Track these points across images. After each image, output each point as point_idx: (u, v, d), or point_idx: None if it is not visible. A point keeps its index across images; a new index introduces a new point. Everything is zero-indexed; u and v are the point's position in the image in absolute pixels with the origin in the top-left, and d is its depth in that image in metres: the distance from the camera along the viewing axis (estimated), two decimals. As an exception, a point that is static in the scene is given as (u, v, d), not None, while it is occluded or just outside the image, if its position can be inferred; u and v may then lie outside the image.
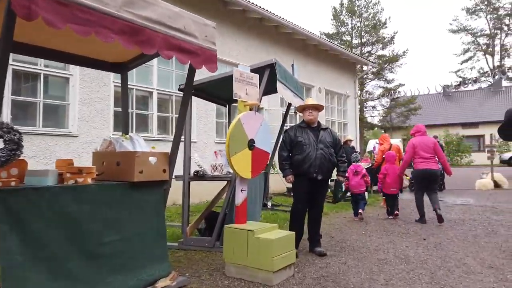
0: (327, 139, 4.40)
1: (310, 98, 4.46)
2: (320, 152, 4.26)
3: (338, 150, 4.51)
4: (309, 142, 4.29)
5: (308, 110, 4.46)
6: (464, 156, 30.13)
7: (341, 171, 4.58)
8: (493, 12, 40.95)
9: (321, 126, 4.51)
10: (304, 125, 4.47)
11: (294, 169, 4.34)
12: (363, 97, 32.60)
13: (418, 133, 6.78)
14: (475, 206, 8.44)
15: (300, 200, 4.42)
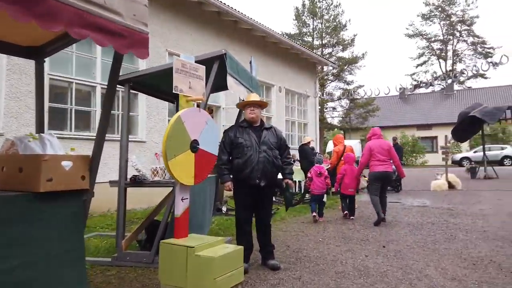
0: (271, 139, 3.95)
1: (253, 93, 3.99)
2: (263, 155, 3.81)
3: (283, 152, 4.10)
4: (250, 144, 3.83)
5: (250, 108, 3.95)
6: (418, 157, 31.16)
7: (287, 174, 4.13)
8: (446, 19, 42.87)
9: (264, 126, 4.05)
10: (245, 124, 3.99)
11: (235, 174, 3.88)
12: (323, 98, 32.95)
13: (374, 136, 6.94)
14: (432, 208, 8.40)
15: (243, 209, 3.96)
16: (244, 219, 3.94)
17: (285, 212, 7.71)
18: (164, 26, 8.77)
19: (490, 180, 14.74)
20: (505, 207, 8.17)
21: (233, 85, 4.02)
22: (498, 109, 14.80)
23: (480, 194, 10.58)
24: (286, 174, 4.12)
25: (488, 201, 9.24)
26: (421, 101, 37.96)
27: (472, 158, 26.61)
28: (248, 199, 3.89)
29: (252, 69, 8.57)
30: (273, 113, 12.63)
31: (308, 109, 14.95)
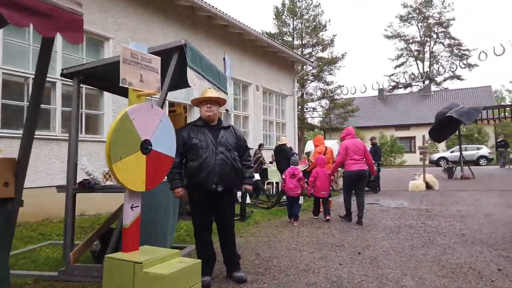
0: (229, 140, 3.60)
1: (210, 88, 3.62)
2: (220, 157, 3.45)
3: (243, 153, 3.75)
4: (206, 145, 3.46)
5: (206, 105, 3.58)
6: (397, 157, 31.42)
7: (246, 178, 3.76)
8: (423, 21, 43.54)
9: (222, 125, 3.67)
10: (201, 123, 3.61)
11: (189, 178, 3.50)
12: (304, 98, 32.86)
13: (349, 136, 7.01)
14: (410, 209, 8.24)
15: (200, 217, 3.58)
16: (202, 228, 3.57)
17: (260, 215, 7.39)
18: (132, 20, 8.31)
19: (467, 180, 14.81)
20: (482, 208, 8.07)
21: (195, 80, 3.65)
22: (474, 109, 14.89)
23: (458, 195, 10.52)
24: (246, 179, 3.76)
25: (465, 202, 9.16)
26: (399, 102, 38.36)
27: (449, 158, 26.95)
28: (206, 206, 3.53)
29: (226, 66, 8.24)
30: (250, 112, 12.30)
31: (286, 108, 14.69)
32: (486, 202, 8.88)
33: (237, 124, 11.95)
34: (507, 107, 15.47)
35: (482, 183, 13.35)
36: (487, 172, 17.78)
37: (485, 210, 7.70)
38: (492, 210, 7.74)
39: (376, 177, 11.89)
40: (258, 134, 12.61)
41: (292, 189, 6.86)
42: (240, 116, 12.03)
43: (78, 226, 5.91)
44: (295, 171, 7.14)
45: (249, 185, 3.80)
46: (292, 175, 7.08)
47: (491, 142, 30.28)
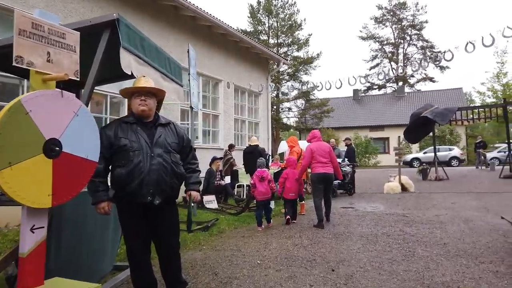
0: (169, 139, 2.91)
1: (144, 77, 2.90)
2: (157, 161, 2.76)
3: (187, 155, 3.10)
4: (138, 146, 2.75)
5: (139, 97, 2.85)
6: (371, 158, 31.45)
7: (191, 184, 3.09)
8: (397, 23, 44.03)
9: (159, 121, 2.97)
10: (132, 119, 2.89)
11: (117, 189, 2.79)
12: (279, 98, 32.41)
13: (315, 139, 7.05)
14: (386, 214, 7.78)
15: (133, 237, 2.86)
16: (136, 251, 2.85)
17: (226, 223, 6.73)
18: (86, 6, 7.48)
19: (441, 181, 14.65)
20: (460, 212, 7.70)
21: (133, 66, 2.94)
22: (449, 110, 14.75)
23: (433, 197, 10.19)
24: (190, 185, 3.08)
25: (442, 205, 8.80)
26: (373, 103, 38.56)
27: (422, 159, 27.11)
28: (139, 224, 2.83)
29: (190, 59, 7.53)
30: (220, 111, 11.61)
31: (260, 107, 14.08)
32: (463, 206, 8.54)
33: (206, 123, 11.25)
34: (481, 108, 15.43)
35: (457, 185, 13.18)
36: (460, 173, 17.77)
37: (463, 215, 7.32)
38: (471, 214, 7.37)
39: (350, 179, 11.46)
40: (229, 134, 11.95)
41: (263, 193, 6.52)
42: (210, 115, 11.33)
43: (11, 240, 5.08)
44: (263, 173, 6.71)
45: (195, 191, 3.10)
46: (261, 179, 6.63)
47: (463, 143, 30.77)
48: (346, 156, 12.10)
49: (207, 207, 8.10)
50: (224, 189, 8.88)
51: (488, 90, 27.23)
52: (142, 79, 2.95)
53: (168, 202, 2.88)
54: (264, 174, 6.73)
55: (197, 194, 3.11)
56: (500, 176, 14.50)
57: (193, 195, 3.06)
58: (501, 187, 11.73)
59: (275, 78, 32.23)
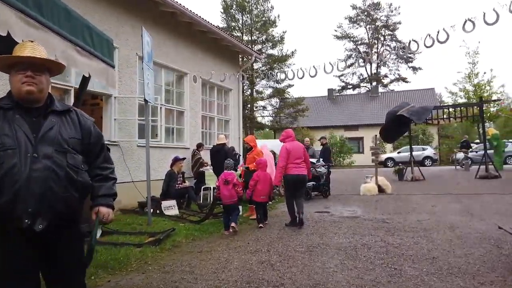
0: (65, 134, 1.98)
1: (31, 43, 1.91)
2: (43, 164, 1.84)
3: (97, 156, 2.17)
4: (13, 143, 1.82)
5: (23, 72, 1.92)
6: (346, 157, 31.15)
7: (100, 197, 2.14)
8: (371, 23, 44.15)
9: (53, 107, 2.02)
10: (9, 103, 1.95)
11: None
12: (253, 96, 31.64)
13: (289, 139, 6.67)
14: (365, 219, 7.09)
15: (9, 281, 1.87)
16: None
17: (184, 233, 5.82)
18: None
19: (417, 182, 14.24)
20: (443, 217, 7.10)
21: (13, 23, 2.00)
22: (425, 108, 14.36)
23: (412, 200, 9.63)
24: (99, 198, 2.12)
25: (422, 208, 8.22)
26: (348, 102, 38.43)
27: (396, 159, 26.98)
28: (22, 259, 1.87)
29: (143, 44, 6.57)
30: (186, 106, 10.66)
31: (230, 104, 13.19)
32: (444, 209, 7.97)
33: (169, 120, 10.28)
34: (457, 107, 15.13)
35: (434, 186, 12.75)
36: (435, 173, 17.49)
37: (447, 220, 6.70)
38: (454, 220, 6.77)
39: (325, 180, 10.78)
40: (196, 132, 11.00)
41: (227, 196, 6.03)
42: (174, 111, 10.35)
43: None
44: (229, 176, 6.11)
45: (106, 207, 2.14)
46: (226, 182, 6.07)
47: (435, 143, 30.96)
48: (321, 156, 11.41)
49: (166, 214, 7.16)
50: (187, 193, 7.95)
51: (460, 90, 27.39)
52: (27, 45, 2.01)
53: (67, 226, 1.96)
54: (229, 177, 6.13)
55: (109, 211, 2.15)
56: (476, 176, 14.22)
57: (102, 212, 2.11)
58: (479, 188, 11.34)
59: (249, 76, 31.46)
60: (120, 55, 8.20)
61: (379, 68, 45.04)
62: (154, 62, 9.50)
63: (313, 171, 10.63)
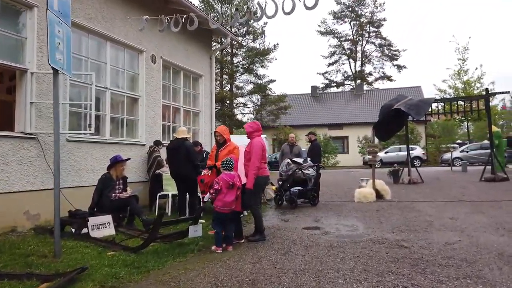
0: None
1: None
2: None
3: None
4: None
5: None
6: (331, 157, 29.46)
7: None
8: (356, 19, 42.70)
9: None
10: None
11: None
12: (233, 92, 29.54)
13: (258, 133, 5.61)
14: (373, 241, 5.14)
15: None
16: None
17: (101, 275, 3.72)
18: None
19: (416, 185, 12.48)
20: (477, 237, 5.22)
21: None
22: (424, 102, 12.61)
23: (421, 209, 7.77)
24: None
25: (440, 222, 6.35)
26: (332, 100, 36.84)
27: (384, 159, 25.43)
28: None
29: None
30: (141, 93, 8.50)
31: (200, 93, 11.08)
32: (470, 224, 6.12)
33: (117, 109, 8.10)
34: (460, 100, 13.44)
35: (436, 190, 10.97)
36: (430, 175, 15.75)
37: (487, 243, 4.83)
38: (495, 241, 4.90)
39: (314, 184, 8.83)
40: (154, 125, 8.84)
41: (229, 203, 4.80)
42: (124, 97, 8.17)
43: None
44: (233, 178, 4.85)
45: None
46: (231, 186, 4.79)
47: (423, 143, 29.60)
48: (309, 154, 9.43)
49: (92, 237, 5.02)
50: (128, 205, 5.80)
51: (449, 87, 26.02)
52: None
53: None
54: (234, 179, 4.86)
55: None
56: (481, 179, 12.56)
57: None
58: (493, 194, 9.61)
59: (229, 70, 29.37)
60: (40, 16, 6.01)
61: (363, 66, 43.66)
62: (96, 32, 7.35)
63: (299, 174, 8.74)
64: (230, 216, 4.82)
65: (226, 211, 4.76)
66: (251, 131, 5.58)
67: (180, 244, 4.99)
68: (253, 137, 5.55)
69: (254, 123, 5.74)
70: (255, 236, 5.33)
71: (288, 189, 8.58)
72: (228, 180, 4.74)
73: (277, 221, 6.91)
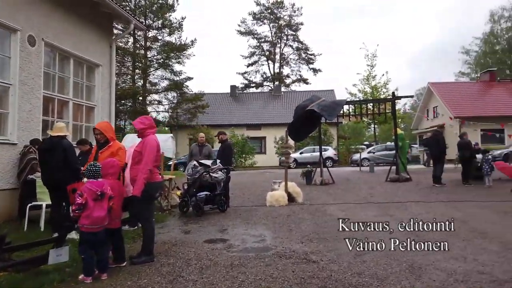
0: None
1: None
2: None
3: None
4: None
5: None
6: (248, 158, 29.19)
7: None
8: (275, 21, 43.32)
9: None
10: None
11: None
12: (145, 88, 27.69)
13: (153, 130, 4.74)
14: (279, 255, 4.55)
15: None
16: None
17: None
18: None
19: (328, 186, 12.48)
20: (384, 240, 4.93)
21: None
22: (336, 103, 12.71)
23: (332, 213, 7.51)
24: None
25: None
26: (251, 101, 36.73)
27: (299, 159, 25.84)
28: None
29: None
30: (12, 80, 6.95)
31: (97, 85, 9.66)
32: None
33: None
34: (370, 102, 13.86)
35: (347, 191, 11.00)
36: (342, 175, 16.08)
37: (394, 251, 4.52)
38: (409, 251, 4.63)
39: (223, 189, 8.11)
40: (31, 121, 7.31)
41: (100, 220, 3.76)
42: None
43: None
44: (101, 187, 3.82)
45: None
46: (99, 196, 3.76)
47: (335, 144, 30.84)
48: (220, 156, 8.67)
49: None
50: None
51: (359, 91, 27.47)
52: None
53: None
54: (103, 187, 3.84)
55: None
56: (387, 179, 13.03)
57: None
58: (398, 195, 9.85)
59: (143, 64, 27.46)
60: None
61: (282, 68, 44.50)
62: None
63: (207, 177, 7.94)
64: (101, 236, 3.79)
65: (96, 230, 3.74)
66: (143, 128, 4.65)
67: (41, 273, 3.86)
68: (146, 134, 4.65)
69: (146, 118, 4.82)
70: (140, 258, 4.39)
71: (194, 194, 7.73)
72: (95, 190, 3.73)
73: (176, 233, 6.02)
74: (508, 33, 41.02)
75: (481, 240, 5.03)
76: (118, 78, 26.64)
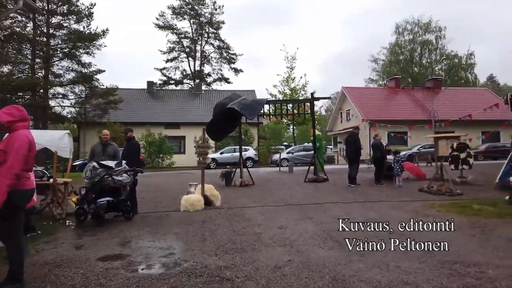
0: None
1: None
2: None
3: None
4: None
5: None
6: (165, 158, 27.77)
7: None
8: (196, 17, 42.18)
9: None
10: None
11: None
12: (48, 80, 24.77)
13: (22, 123, 3.73)
14: (188, 274, 3.88)
15: None
16: None
17: None
18: None
19: (247, 187, 12.06)
20: (307, 252, 4.53)
21: None
22: (257, 102, 12.35)
23: (251, 217, 7.01)
24: None
25: (269, 234, 5.59)
26: (170, 98, 35.17)
27: (219, 159, 25.26)
28: None
29: None
30: None
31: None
32: (299, 235, 5.53)
33: None
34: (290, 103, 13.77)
35: (267, 193, 10.67)
36: (262, 176, 15.85)
37: (316, 260, 4.15)
38: (327, 257, 4.26)
39: (129, 194, 7.13)
40: None
41: None
42: None
43: None
44: None
45: None
46: None
47: (256, 144, 30.86)
48: (125, 156, 7.65)
49: None
50: None
51: (279, 93, 27.81)
52: None
53: None
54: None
55: None
56: (305, 180, 13.03)
57: None
58: (316, 195, 9.76)
59: (44, 53, 24.46)
60: None
61: (202, 66, 43.50)
62: None
63: (109, 181, 6.89)
64: None
65: None
66: (10, 121, 3.65)
67: None
68: (15, 128, 3.64)
69: (14, 107, 3.77)
70: (4, 286, 3.38)
71: (93, 200, 6.65)
72: None
73: (65, 249, 4.97)
74: (410, 45, 45.28)
75: (399, 243, 4.89)
76: (13, 67, 23.39)
